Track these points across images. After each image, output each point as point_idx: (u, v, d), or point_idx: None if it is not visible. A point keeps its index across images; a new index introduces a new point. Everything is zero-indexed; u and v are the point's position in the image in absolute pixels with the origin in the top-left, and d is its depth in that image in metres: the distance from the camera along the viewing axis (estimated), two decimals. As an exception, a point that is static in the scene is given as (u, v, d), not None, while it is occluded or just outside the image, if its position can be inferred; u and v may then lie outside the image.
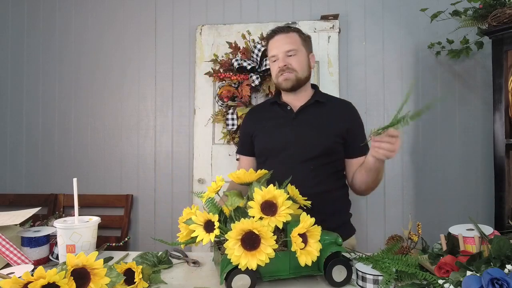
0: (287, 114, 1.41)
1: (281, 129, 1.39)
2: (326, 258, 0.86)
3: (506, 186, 1.75)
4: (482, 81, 2.18)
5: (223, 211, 0.92)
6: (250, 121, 1.52)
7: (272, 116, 1.44)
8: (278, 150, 1.36)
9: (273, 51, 1.40)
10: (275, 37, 1.40)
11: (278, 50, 1.38)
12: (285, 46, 1.37)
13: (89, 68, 2.45)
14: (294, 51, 1.38)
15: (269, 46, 1.43)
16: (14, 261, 0.94)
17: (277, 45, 1.39)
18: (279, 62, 1.38)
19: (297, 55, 1.38)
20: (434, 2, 2.08)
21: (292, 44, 1.38)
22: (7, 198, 2.39)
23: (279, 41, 1.39)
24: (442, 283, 0.74)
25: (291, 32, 1.41)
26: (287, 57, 1.37)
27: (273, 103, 1.48)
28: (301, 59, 1.40)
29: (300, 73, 1.38)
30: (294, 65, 1.37)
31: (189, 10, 2.38)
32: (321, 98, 1.43)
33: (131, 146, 2.41)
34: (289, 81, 1.37)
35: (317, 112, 1.40)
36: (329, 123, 1.37)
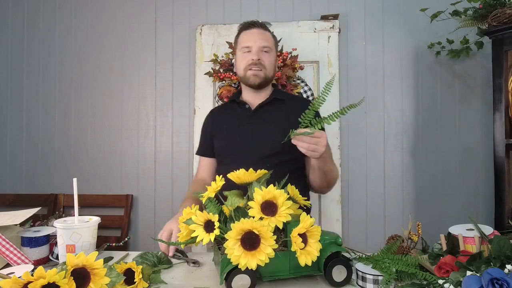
0: (245, 113, 1.42)
1: (239, 128, 1.39)
2: (326, 258, 0.86)
3: (506, 186, 1.75)
4: (482, 81, 2.18)
5: (223, 211, 0.92)
6: (210, 121, 1.53)
7: (231, 115, 1.45)
8: (236, 148, 1.37)
9: (248, 43, 1.39)
10: (252, 30, 1.40)
11: (254, 43, 1.37)
12: (261, 41, 1.38)
13: (89, 68, 2.45)
14: (268, 48, 1.39)
15: (243, 36, 1.42)
16: (14, 261, 0.94)
17: (253, 38, 1.38)
18: (253, 54, 1.37)
19: (269, 54, 1.40)
20: (434, 2, 2.08)
21: (268, 41, 1.40)
22: (7, 198, 2.39)
23: (255, 35, 1.39)
24: (442, 283, 0.74)
25: (267, 31, 1.43)
26: (262, 52, 1.38)
27: (232, 102, 1.49)
28: (272, 59, 1.41)
29: (268, 72, 1.39)
30: (266, 63, 1.38)
31: (189, 10, 2.38)
32: (279, 96, 1.44)
33: (131, 146, 2.41)
34: (258, 78, 1.37)
35: (275, 109, 1.40)
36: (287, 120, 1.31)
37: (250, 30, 1.41)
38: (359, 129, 2.26)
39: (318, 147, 1.08)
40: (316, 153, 1.10)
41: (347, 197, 2.24)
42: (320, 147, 1.09)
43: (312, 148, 1.08)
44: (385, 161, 2.24)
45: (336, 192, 2.18)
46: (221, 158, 1.42)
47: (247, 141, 1.35)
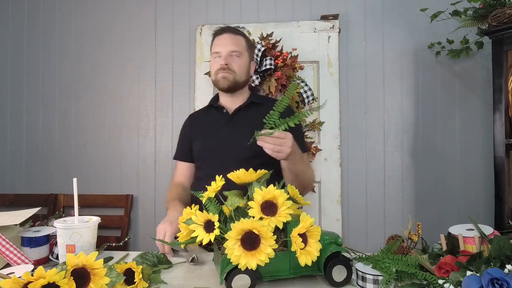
0: (223, 117, 1.43)
1: (216, 132, 1.40)
2: (326, 258, 0.86)
3: (506, 186, 1.75)
4: (482, 81, 2.18)
5: (223, 211, 0.92)
6: (188, 126, 1.53)
7: (209, 120, 1.47)
8: (214, 152, 1.37)
9: (217, 48, 1.41)
10: (223, 35, 1.42)
11: (223, 48, 1.40)
12: (231, 46, 1.40)
13: (89, 68, 2.45)
14: (238, 53, 1.40)
15: (215, 42, 1.44)
16: (14, 261, 0.94)
17: (223, 43, 1.41)
18: (221, 59, 1.39)
19: (240, 58, 1.41)
20: (434, 2, 2.08)
21: (238, 45, 1.41)
22: (7, 198, 2.39)
23: (226, 39, 1.41)
24: (442, 283, 0.74)
25: (239, 35, 1.44)
26: (230, 56, 1.39)
27: (209, 107, 1.50)
28: (242, 63, 1.42)
29: (238, 76, 1.40)
30: (235, 67, 1.39)
31: (189, 10, 2.38)
32: (256, 99, 1.45)
33: (131, 146, 2.41)
34: (226, 81, 1.39)
35: (253, 113, 1.41)
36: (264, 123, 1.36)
37: (222, 35, 1.43)
38: (359, 129, 2.26)
39: (283, 148, 1.11)
40: (281, 154, 1.12)
41: (347, 197, 2.24)
42: (285, 148, 1.11)
43: (277, 149, 1.10)
44: (385, 161, 2.24)
45: (336, 192, 2.18)
46: (200, 163, 1.43)
47: (225, 145, 1.36)
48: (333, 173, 2.19)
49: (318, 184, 2.20)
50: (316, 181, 2.19)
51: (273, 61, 2.09)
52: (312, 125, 2.17)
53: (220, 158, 1.34)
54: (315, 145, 2.17)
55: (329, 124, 2.19)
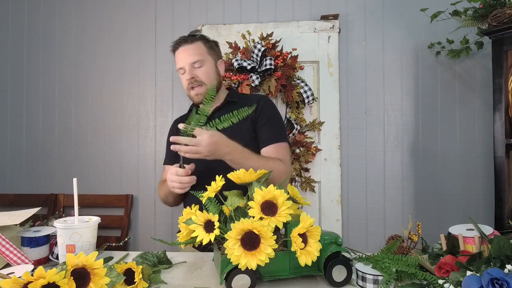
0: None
1: None
2: (326, 258, 0.86)
3: (506, 186, 1.75)
4: (482, 81, 2.18)
5: (223, 211, 0.92)
6: (173, 131, 1.52)
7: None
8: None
9: (179, 63, 1.38)
10: (180, 49, 1.38)
11: (184, 62, 1.36)
12: (190, 57, 1.36)
13: (89, 68, 2.45)
14: (200, 62, 1.36)
15: (176, 57, 1.41)
16: (14, 261, 0.94)
17: (182, 57, 1.37)
18: (186, 74, 1.36)
19: (203, 66, 1.37)
20: (434, 2, 2.08)
21: (197, 55, 1.37)
22: (7, 198, 2.39)
23: (183, 53, 1.37)
24: (442, 283, 0.74)
25: (195, 42, 1.39)
26: (194, 68, 1.36)
27: (191, 111, 1.48)
28: (208, 69, 1.38)
29: (209, 85, 1.37)
30: (201, 77, 1.36)
31: (189, 10, 2.38)
32: (232, 98, 1.43)
33: (131, 146, 2.41)
34: (200, 95, 1.36)
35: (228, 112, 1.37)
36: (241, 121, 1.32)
37: (178, 49, 1.39)
38: (359, 129, 2.26)
39: (200, 148, 1.13)
40: (198, 154, 1.14)
41: (347, 197, 2.24)
42: (201, 147, 1.13)
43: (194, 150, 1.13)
44: (385, 161, 2.24)
45: (336, 192, 2.18)
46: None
47: None
48: (333, 173, 2.19)
49: (318, 184, 2.20)
50: (316, 181, 2.19)
51: (273, 61, 2.09)
52: (312, 125, 2.17)
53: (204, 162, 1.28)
54: (315, 145, 2.17)
55: (329, 124, 2.19)
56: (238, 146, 1.23)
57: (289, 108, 2.17)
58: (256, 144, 1.38)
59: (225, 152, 1.19)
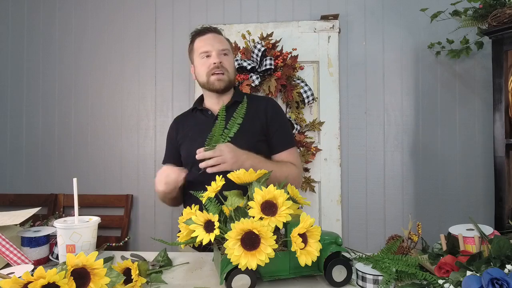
0: (208, 119, 1.40)
1: (203, 135, 1.34)
2: (326, 258, 0.86)
3: (506, 186, 1.75)
4: (482, 81, 2.18)
5: (223, 211, 0.92)
6: (174, 130, 1.49)
7: (195, 123, 1.43)
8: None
9: (206, 47, 1.36)
10: (207, 35, 1.38)
11: (212, 47, 1.36)
12: (220, 44, 1.36)
13: (89, 68, 2.45)
14: (227, 50, 1.38)
15: (199, 42, 1.39)
16: (14, 261, 0.94)
17: (210, 42, 1.36)
18: (214, 58, 1.34)
19: (229, 56, 1.38)
20: (434, 2, 2.08)
21: (225, 44, 1.39)
22: (7, 198, 2.39)
23: (212, 39, 1.37)
24: (442, 283, 0.74)
25: (221, 35, 1.42)
26: (222, 55, 1.36)
27: (194, 110, 1.46)
28: (231, 61, 1.40)
29: (231, 75, 1.38)
30: (227, 65, 1.36)
31: (189, 10, 2.38)
32: (240, 98, 1.39)
33: (131, 146, 2.41)
34: (222, 82, 1.35)
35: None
36: (250, 123, 1.34)
37: (206, 35, 1.38)
38: (359, 129, 2.26)
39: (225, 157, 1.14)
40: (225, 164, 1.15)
41: (347, 197, 2.24)
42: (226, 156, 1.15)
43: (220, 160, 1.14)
44: (385, 161, 2.24)
45: (336, 192, 2.18)
46: (189, 167, 1.36)
47: None
48: (333, 173, 2.19)
49: (318, 184, 2.20)
50: (316, 181, 2.19)
51: (273, 61, 2.09)
52: (312, 125, 2.17)
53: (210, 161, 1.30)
54: (315, 145, 2.17)
55: (329, 124, 2.19)
56: (251, 152, 1.23)
57: (289, 108, 2.17)
58: (264, 147, 1.37)
59: (244, 158, 1.19)
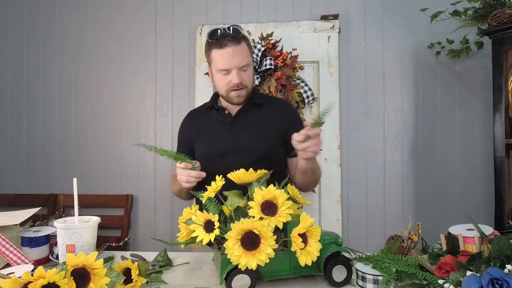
0: (225, 119, 1.38)
1: (219, 135, 1.36)
2: (326, 258, 0.86)
3: (506, 186, 1.75)
4: (482, 81, 2.18)
5: (223, 211, 0.92)
6: (189, 126, 1.47)
7: (210, 122, 1.41)
8: (217, 156, 1.33)
9: (225, 65, 1.29)
10: (226, 48, 1.29)
11: (231, 64, 1.29)
12: (239, 60, 1.29)
13: (89, 68, 2.45)
14: (246, 66, 1.32)
15: (217, 56, 1.31)
16: (14, 261, 0.94)
17: (229, 59, 1.29)
18: (234, 78, 1.30)
19: (248, 70, 1.34)
20: (434, 2, 2.08)
21: (245, 58, 1.31)
22: (7, 198, 2.39)
23: (231, 54, 1.29)
24: (442, 283, 0.74)
25: (242, 43, 1.32)
26: (242, 72, 1.31)
27: (210, 108, 1.43)
28: (251, 73, 1.36)
29: (250, 88, 1.36)
30: (246, 81, 1.33)
31: (189, 10, 2.38)
32: (258, 100, 1.40)
33: (131, 146, 2.41)
34: (241, 98, 1.35)
35: (255, 114, 1.38)
36: (268, 125, 1.35)
37: (224, 49, 1.29)
38: (359, 129, 2.26)
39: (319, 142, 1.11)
40: (316, 152, 1.12)
41: (347, 197, 2.24)
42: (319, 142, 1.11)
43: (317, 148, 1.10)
44: (385, 161, 2.24)
45: (336, 192, 2.18)
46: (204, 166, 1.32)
47: (229, 150, 1.33)
48: (333, 173, 2.19)
49: (318, 184, 2.19)
50: (316, 181, 2.19)
51: (273, 61, 2.09)
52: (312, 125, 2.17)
53: (226, 162, 1.29)
54: (315, 145, 2.17)
55: (329, 124, 2.19)
56: None
57: (289, 108, 2.17)
58: (282, 149, 1.37)
59: None
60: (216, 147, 1.35)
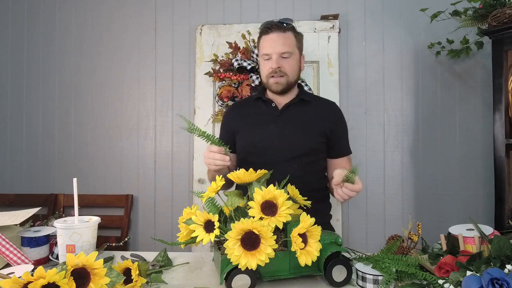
0: (272, 111, 1.38)
1: (265, 126, 1.35)
2: (326, 258, 0.86)
3: (506, 186, 1.75)
4: (482, 81, 2.18)
5: (223, 211, 0.92)
6: (233, 116, 1.47)
7: (256, 113, 1.41)
8: (261, 147, 1.33)
9: (267, 49, 1.33)
10: (271, 35, 1.33)
11: (273, 49, 1.32)
12: (281, 47, 1.32)
13: (89, 68, 2.45)
14: (288, 53, 1.33)
15: (262, 42, 1.36)
16: (14, 261, 0.94)
17: (272, 44, 1.32)
18: (272, 63, 1.32)
19: (290, 58, 1.34)
20: (434, 2, 2.08)
21: (287, 46, 1.33)
22: (7, 198, 2.39)
23: (274, 41, 1.32)
24: (442, 283, 0.74)
25: (288, 32, 1.35)
26: (281, 58, 1.32)
27: (257, 99, 1.43)
28: (293, 62, 1.36)
29: (291, 77, 1.35)
30: (286, 69, 1.33)
31: (189, 10, 2.38)
32: (306, 97, 1.41)
33: (131, 146, 2.41)
34: (280, 85, 1.34)
35: (302, 110, 1.38)
36: (314, 123, 1.36)
37: (269, 35, 1.33)
38: (359, 129, 2.26)
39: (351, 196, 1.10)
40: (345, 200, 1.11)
41: (347, 197, 2.24)
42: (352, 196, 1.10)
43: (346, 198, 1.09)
44: (385, 161, 2.24)
45: (336, 192, 2.18)
46: (245, 156, 1.37)
47: (274, 142, 1.32)
48: (333, 173, 2.18)
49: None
50: (316, 181, 2.19)
51: (273, 61, 2.08)
52: (312, 125, 2.17)
53: (269, 154, 1.31)
54: (315, 145, 2.17)
55: (329, 124, 2.19)
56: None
57: (289, 108, 2.17)
58: (323, 148, 1.38)
59: None
60: (260, 138, 1.34)
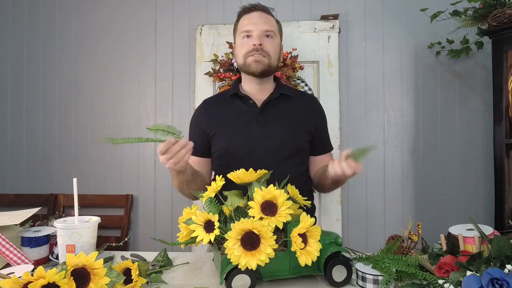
0: (251, 109, 1.24)
1: (245, 127, 1.22)
2: (326, 258, 0.86)
3: (506, 186, 1.75)
4: (482, 81, 2.18)
5: (223, 211, 0.92)
6: (205, 116, 1.30)
7: (233, 111, 1.26)
8: (243, 151, 1.20)
9: (248, 26, 1.23)
10: (253, 13, 1.25)
11: (256, 26, 1.22)
12: (263, 24, 1.22)
13: (89, 68, 2.45)
14: (272, 32, 1.24)
15: (242, 20, 1.26)
16: (14, 261, 0.94)
17: (254, 21, 1.23)
18: (254, 39, 1.21)
19: (273, 39, 1.24)
20: (434, 2, 2.08)
21: (270, 25, 1.24)
22: (7, 198, 2.39)
23: (257, 18, 1.23)
24: (442, 283, 0.74)
25: (269, 15, 1.28)
26: (264, 38, 1.22)
27: (232, 95, 1.28)
28: (276, 45, 1.26)
29: (272, 60, 1.24)
30: (269, 49, 1.22)
31: (189, 10, 2.38)
32: (286, 91, 1.29)
33: (131, 146, 2.41)
34: (260, 64, 1.21)
35: (284, 106, 1.26)
36: (298, 119, 1.26)
37: (251, 13, 1.25)
38: (359, 129, 2.26)
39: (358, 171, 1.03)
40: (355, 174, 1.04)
41: (347, 197, 2.24)
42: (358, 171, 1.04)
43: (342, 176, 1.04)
44: (385, 161, 2.24)
45: (336, 192, 2.18)
46: (226, 161, 1.23)
47: (257, 144, 1.20)
48: (333, 173, 2.18)
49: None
50: (316, 181, 2.19)
51: (273, 61, 2.08)
52: (312, 125, 2.17)
53: (252, 158, 1.17)
54: (315, 145, 2.17)
55: (329, 124, 2.17)
56: None
57: (289, 108, 2.17)
58: (308, 146, 1.29)
59: None
60: (243, 141, 1.21)
